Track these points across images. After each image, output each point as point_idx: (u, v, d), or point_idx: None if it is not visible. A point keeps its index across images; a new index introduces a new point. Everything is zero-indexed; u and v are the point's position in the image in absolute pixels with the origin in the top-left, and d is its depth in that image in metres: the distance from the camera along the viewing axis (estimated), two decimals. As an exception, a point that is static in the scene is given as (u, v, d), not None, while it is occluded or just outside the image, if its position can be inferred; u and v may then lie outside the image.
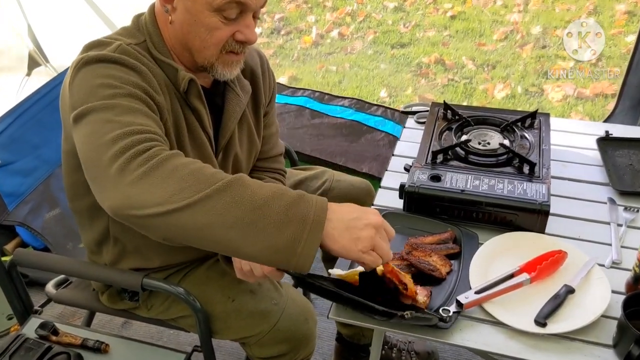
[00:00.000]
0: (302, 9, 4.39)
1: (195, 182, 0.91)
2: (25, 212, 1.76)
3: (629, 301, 1.04)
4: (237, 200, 0.90)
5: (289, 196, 0.92)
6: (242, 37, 1.15)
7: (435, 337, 1.07)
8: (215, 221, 0.90)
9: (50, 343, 1.41)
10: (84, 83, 1.06)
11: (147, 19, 1.20)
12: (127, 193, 0.92)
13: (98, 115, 1.01)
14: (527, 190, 1.28)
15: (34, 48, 2.38)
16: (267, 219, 0.89)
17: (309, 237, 0.90)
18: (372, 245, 0.95)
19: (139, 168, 0.93)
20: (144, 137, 0.98)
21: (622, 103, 2.09)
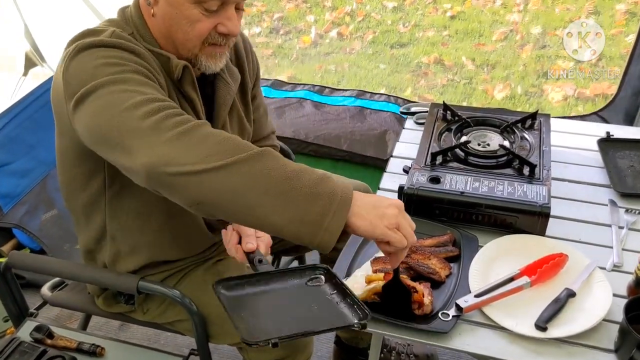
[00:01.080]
0: (301, 9, 4.38)
1: (231, 147, 0.92)
2: (21, 213, 1.74)
3: (631, 305, 1.03)
4: (271, 168, 0.91)
5: (318, 172, 0.94)
6: (224, 29, 1.15)
7: (434, 341, 1.06)
8: (249, 185, 0.90)
9: (45, 346, 1.39)
10: (82, 67, 1.04)
11: (133, 11, 1.19)
12: (162, 150, 0.92)
13: (109, 88, 0.99)
14: (528, 192, 1.27)
15: (30, 48, 2.36)
16: (297, 190, 0.90)
17: (337, 211, 0.91)
18: (397, 224, 0.94)
19: (174, 128, 0.93)
20: (170, 104, 0.98)
21: (623, 90, 2.08)
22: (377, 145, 2.28)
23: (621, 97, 2.13)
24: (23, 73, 2.34)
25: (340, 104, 2.49)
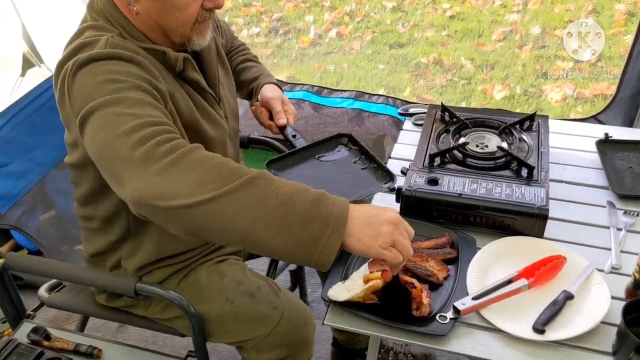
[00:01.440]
0: (300, 9, 4.37)
1: (221, 175, 0.92)
2: (19, 214, 1.75)
3: (629, 308, 1.02)
4: (263, 194, 0.91)
5: (312, 193, 0.93)
6: (210, 4, 1.17)
7: (432, 344, 1.06)
8: (241, 214, 0.90)
9: (43, 348, 1.39)
10: (84, 85, 1.04)
11: (108, 7, 1.16)
12: (152, 182, 0.92)
13: (106, 110, 0.99)
14: (526, 194, 1.27)
15: (28, 49, 2.36)
16: (291, 214, 0.90)
17: (331, 234, 0.91)
18: (392, 241, 0.95)
19: (164, 158, 0.93)
20: (162, 129, 0.97)
21: (622, 91, 2.08)
22: (375, 150, 2.28)
23: (620, 99, 2.13)
24: (21, 74, 2.33)
25: (339, 106, 2.49)
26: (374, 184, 1.29)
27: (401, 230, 0.97)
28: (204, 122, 1.25)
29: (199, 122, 1.23)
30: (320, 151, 1.41)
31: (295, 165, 1.36)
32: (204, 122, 1.25)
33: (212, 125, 1.29)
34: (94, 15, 1.18)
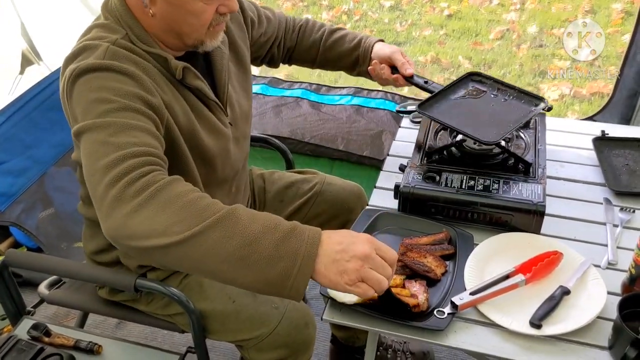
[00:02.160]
0: (299, 7, 4.38)
1: (189, 216, 0.92)
2: (18, 212, 1.74)
3: (625, 303, 1.03)
4: (229, 235, 0.91)
5: (282, 230, 0.93)
6: (225, 9, 1.18)
7: (429, 338, 1.07)
8: (208, 255, 0.92)
9: (43, 344, 1.40)
10: (80, 98, 1.07)
11: (119, 7, 1.18)
12: (124, 223, 0.94)
13: (93, 135, 1.02)
14: (523, 191, 1.28)
15: (27, 47, 2.36)
16: (257, 254, 0.91)
17: (299, 272, 0.91)
18: (359, 277, 0.93)
19: (135, 198, 0.94)
20: (139, 162, 0.98)
21: (618, 92, 2.09)
22: (374, 146, 2.28)
23: (616, 101, 2.14)
24: (20, 72, 2.33)
25: (337, 102, 2.49)
26: (526, 108, 1.41)
27: (372, 262, 0.94)
28: (202, 131, 1.26)
29: (195, 131, 1.24)
30: (457, 91, 1.52)
31: (442, 106, 1.46)
32: (202, 131, 1.25)
33: (211, 134, 1.29)
34: (106, 13, 1.20)
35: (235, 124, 1.38)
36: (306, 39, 1.63)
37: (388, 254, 0.96)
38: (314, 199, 1.59)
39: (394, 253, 0.98)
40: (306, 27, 1.65)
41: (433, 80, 1.59)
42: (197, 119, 1.25)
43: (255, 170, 1.68)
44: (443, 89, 1.52)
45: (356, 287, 0.93)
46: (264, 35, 1.55)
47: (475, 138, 1.33)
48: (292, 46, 1.64)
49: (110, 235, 0.96)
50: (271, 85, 2.61)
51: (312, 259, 0.92)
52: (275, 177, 1.66)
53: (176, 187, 0.96)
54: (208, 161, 1.29)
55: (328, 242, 0.93)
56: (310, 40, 1.63)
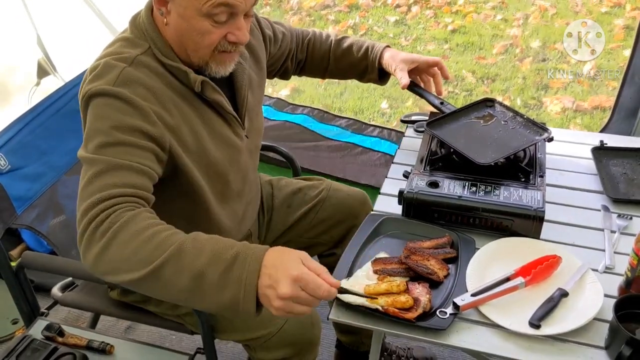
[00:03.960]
0: (305, 22, 4.44)
1: (145, 255, 1.01)
2: (33, 216, 1.79)
3: (621, 304, 1.06)
4: (178, 270, 1.00)
5: (225, 259, 1.00)
6: (233, 38, 1.20)
7: (432, 338, 1.10)
8: (167, 288, 1.02)
9: (56, 344, 1.44)
10: (88, 120, 1.15)
11: (146, 21, 1.23)
12: (95, 264, 1.04)
13: (85, 169, 1.11)
14: (523, 197, 1.31)
15: (43, 57, 2.42)
16: (206, 284, 0.99)
17: (244, 297, 0.99)
18: (286, 312, 0.99)
19: (100, 240, 1.03)
20: (110, 204, 1.05)
21: (617, 114, 2.12)
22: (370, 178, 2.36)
23: (614, 122, 2.17)
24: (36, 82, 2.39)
25: (335, 137, 2.55)
26: (530, 137, 1.48)
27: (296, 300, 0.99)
28: (212, 146, 1.29)
29: (205, 149, 1.28)
30: (470, 114, 1.59)
31: (451, 126, 1.55)
32: (211, 146, 1.29)
33: (222, 148, 1.32)
34: (132, 27, 1.26)
35: (251, 135, 1.42)
36: (317, 51, 1.69)
37: (317, 292, 0.99)
38: (320, 204, 1.63)
39: (321, 291, 1.00)
40: (314, 39, 1.70)
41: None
42: (209, 134, 1.28)
43: (264, 177, 1.72)
44: (456, 110, 1.59)
45: (285, 313, 1.00)
46: (280, 50, 1.61)
47: (470, 157, 1.39)
48: (303, 58, 1.69)
49: (89, 270, 1.07)
50: (275, 108, 2.68)
51: (253, 286, 0.98)
52: (283, 184, 1.70)
53: (134, 224, 1.04)
54: (220, 175, 1.34)
55: (263, 274, 0.99)
56: (321, 52, 1.69)
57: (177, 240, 1.02)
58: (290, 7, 4.58)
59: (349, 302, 1.13)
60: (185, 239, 1.03)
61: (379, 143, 2.51)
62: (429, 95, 1.67)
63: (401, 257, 1.24)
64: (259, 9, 4.60)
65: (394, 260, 1.23)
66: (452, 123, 1.55)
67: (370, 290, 1.14)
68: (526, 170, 1.40)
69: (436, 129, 1.52)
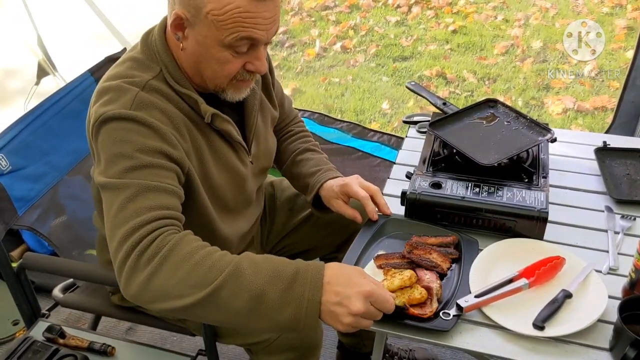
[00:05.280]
0: (306, 23, 4.44)
1: (199, 279, 0.98)
2: (34, 217, 1.79)
3: (625, 305, 1.06)
4: (236, 292, 0.97)
5: (285, 278, 0.98)
6: (252, 67, 1.18)
7: (435, 339, 1.09)
8: (221, 311, 0.99)
9: (58, 346, 1.44)
10: (105, 145, 1.11)
11: (158, 43, 1.20)
12: (141, 292, 1.01)
13: (113, 195, 1.07)
14: (526, 198, 1.31)
15: (43, 57, 2.42)
16: (266, 304, 0.97)
17: (307, 314, 0.97)
18: (355, 325, 0.98)
19: (147, 266, 1.00)
20: (151, 228, 1.03)
21: (619, 118, 2.12)
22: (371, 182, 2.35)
23: (617, 125, 2.17)
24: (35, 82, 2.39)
25: (335, 141, 2.54)
26: (533, 138, 1.47)
27: (366, 315, 0.99)
28: (216, 172, 1.27)
29: (209, 173, 1.26)
30: (472, 115, 1.58)
31: (454, 126, 1.54)
32: (215, 172, 1.27)
33: (225, 173, 1.30)
34: (144, 47, 1.22)
35: (257, 160, 1.40)
36: (285, 144, 1.60)
37: (385, 305, 1.00)
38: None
39: (389, 304, 1.01)
40: (294, 134, 1.62)
41: (438, 93, 1.63)
42: (214, 159, 1.27)
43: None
44: (459, 111, 1.59)
45: (357, 326, 0.99)
46: None
47: (473, 158, 1.39)
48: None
49: (131, 299, 1.03)
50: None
51: (317, 302, 0.97)
52: (285, 185, 1.69)
53: (183, 247, 1.02)
54: (223, 198, 1.32)
55: (327, 291, 0.98)
56: (288, 148, 1.59)
57: (233, 260, 1.01)
58: (290, 7, 4.59)
59: None
60: (240, 259, 1.01)
61: (379, 148, 2.51)
62: (431, 96, 1.66)
63: (404, 252, 1.24)
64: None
65: (395, 255, 1.23)
66: (455, 123, 1.55)
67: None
68: (529, 171, 1.40)
69: (439, 130, 1.52)
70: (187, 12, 1.09)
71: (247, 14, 1.07)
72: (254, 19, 1.08)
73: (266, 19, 1.10)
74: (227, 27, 1.08)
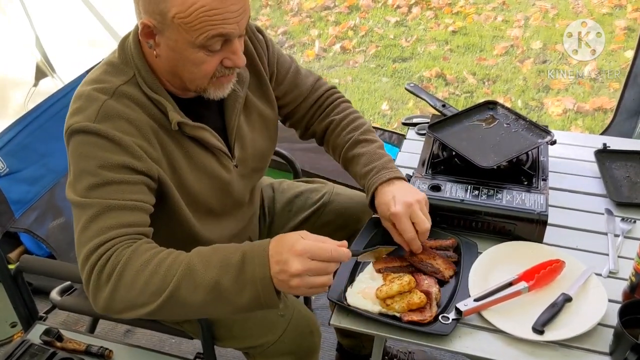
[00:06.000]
0: (305, 23, 4.44)
1: (156, 285, 1.03)
2: (31, 219, 1.78)
3: (625, 309, 1.05)
4: (193, 289, 1.02)
5: (234, 264, 1.03)
6: (229, 63, 1.16)
7: (434, 343, 1.09)
8: (186, 307, 1.04)
9: (55, 349, 1.43)
10: (72, 159, 1.13)
11: (133, 48, 1.18)
12: (108, 306, 1.07)
13: (78, 213, 1.10)
14: (526, 201, 1.30)
15: (41, 59, 2.41)
16: (224, 292, 1.02)
17: (264, 291, 1.02)
18: (308, 287, 1.01)
19: (107, 283, 1.05)
20: (107, 247, 1.06)
21: (619, 115, 2.11)
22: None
23: (617, 123, 2.16)
24: (34, 84, 2.38)
25: None
26: (533, 140, 1.46)
27: (310, 272, 1.01)
28: (192, 177, 1.25)
29: (183, 179, 1.24)
30: (472, 117, 1.57)
31: (453, 129, 1.54)
32: (191, 177, 1.25)
33: (204, 179, 1.28)
34: (120, 51, 1.20)
35: (244, 163, 1.36)
36: (332, 141, 1.49)
37: (324, 254, 1.02)
38: (323, 209, 1.62)
39: (329, 253, 1.02)
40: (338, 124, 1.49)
41: (437, 95, 1.63)
42: (189, 166, 1.24)
43: (264, 180, 1.70)
44: (458, 113, 1.58)
45: (313, 290, 1.03)
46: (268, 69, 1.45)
47: (472, 161, 1.38)
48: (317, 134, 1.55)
49: (102, 312, 1.09)
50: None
51: (268, 278, 1.01)
52: (284, 187, 1.69)
53: (137, 259, 1.05)
54: (204, 204, 1.30)
55: (272, 263, 1.02)
56: (335, 144, 1.48)
57: (183, 260, 1.04)
58: (290, 8, 4.58)
59: (366, 310, 1.13)
60: (191, 256, 1.05)
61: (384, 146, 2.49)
62: (430, 98, 1.65)
63: (406, 255, 1.23)
64: (259, 10, 4.60)
65: (395, 259, 1.23)
66: (454, 126, 1.54)
67: (383, 295, 1.13)
68: (529, 174, 1.40)
69: (438, 132, 1.51)
70: (154, 19, 1.08)
71: (213, 12, 1.05)
72: (221, 14, 1.06)
73: (234, 12, 1.08)
74: (196, 28, 1.06)
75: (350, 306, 1.14)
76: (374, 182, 1.31)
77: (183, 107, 1.22)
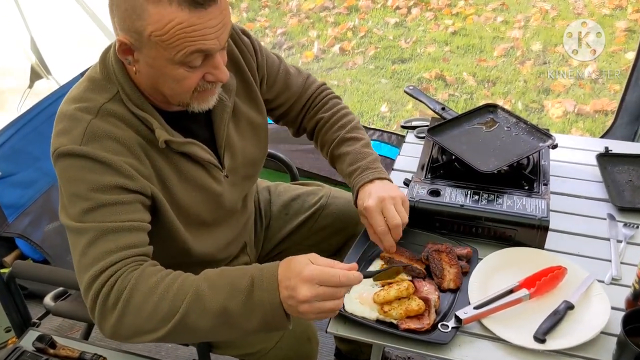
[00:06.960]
0: (304, 24, 4.42)
1: (165, 311, 1.02)
2: (25, 223, 1.77)
3: (629, 318, 1.04)
4: (201, 313, 1.01)
5: (242, 289, 1.01)
6: (211, 78, 1.12)
7: (434, 352, 1.07)
8: (195, 332, 1.03)
9: (48, 356, 1.41)
10: (61, 182, 1.11)
11: (114, 63, 1.13)
12: (115, 332, 1.05)
13: (75, 238, 1.08)
14: (527, 206, 1.28)
15: (36, 60, 2.39)
16: (232, 317, 1.02)
17: (274, 316, 1.01)
18: (317, 313, 1.00)
19: (114, 310, 1.03)
20: (110, 272, 1.04)
21: (620, 118, 2.10)
22: None
23: (618, 125, 2.15)
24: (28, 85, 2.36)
25: None
26: (534, 144, 1.44)
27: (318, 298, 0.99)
28: (182, 190, 1.22)
29: (173, 193, 1.21)
30: (472, 120, 1.55)
31: (453, 132, 1.52)
32: (181, 191, 1.22)
33: (194, 192, 1.25)
34: (101, 66, 1.16)
35: (235, 172, 1.33)
36: (321, 138, 1.50)
37: (333, 280, 0.99)
38: (320, 212, 1.60)
39: (337, 277, 0.99)
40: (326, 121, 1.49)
41: (437, 97, 1.60)
42: (179, 179, 1.22)
43: (261, 183, 1.68)
44: (458, 116, 1.56)
45: (322, 315, 1.01)
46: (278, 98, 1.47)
47: (472, 165, 1.36)
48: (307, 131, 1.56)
49: (110, 339, 1.07)
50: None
51: (278, 304, 1.00)
52: (281, 190, 1.67)
53: (144, 284, 1.03)
54: (196, 217, 1.28)
55: (281, 289, 1.00)
56: (324, 141, 1.49)
57: (191, 285, 1.03)
58: (289, 8, 4.57)
59: (363, 318, 1.12)
60: (198, 281, 1.04)
61: (379, 146, 2.48)
62: (429, 101, 1.63)
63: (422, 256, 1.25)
64: (257, 11, 4.59)
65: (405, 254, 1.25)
66: (454, 129, 1.52)
67: (380, 300, 1.12)
68: (530, 178, 1.37)
69: (437, 136, 1.49)
70: (130, 37, 1.04)
71: (191, 28, 1.01)
72: (199, 30, 1.02)
73: (213, 27, 1.03)
74: (174, 45, 1.02)
75: (347, 313, 1.12)
76: (358, 182, 1.34)
77: (170, 121, 1.18)
